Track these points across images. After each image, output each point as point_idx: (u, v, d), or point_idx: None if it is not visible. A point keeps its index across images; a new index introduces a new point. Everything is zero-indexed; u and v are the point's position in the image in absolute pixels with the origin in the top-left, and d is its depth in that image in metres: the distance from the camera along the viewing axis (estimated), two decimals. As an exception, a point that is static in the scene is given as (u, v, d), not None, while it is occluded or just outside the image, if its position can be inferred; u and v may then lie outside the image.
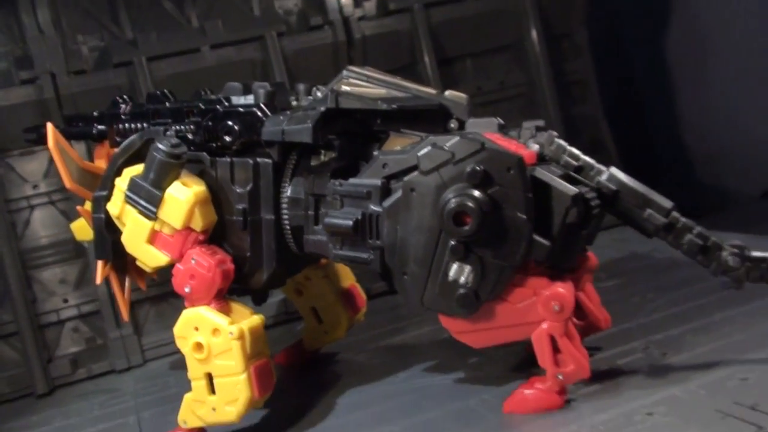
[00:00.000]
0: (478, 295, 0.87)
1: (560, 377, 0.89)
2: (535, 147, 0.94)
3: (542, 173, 0.86)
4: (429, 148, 0.86)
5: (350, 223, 0.91)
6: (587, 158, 0.94)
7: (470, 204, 0.82)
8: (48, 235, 1.51)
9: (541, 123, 0.97)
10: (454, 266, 0.87)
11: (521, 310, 0.88)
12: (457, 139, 0.85)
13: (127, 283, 1.09)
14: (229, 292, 1.03)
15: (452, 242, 0.85)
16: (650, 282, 1.32)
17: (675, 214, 0.92)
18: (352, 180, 0.93)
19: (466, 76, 1.75)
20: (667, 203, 0.92)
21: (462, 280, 0.87)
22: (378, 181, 0.90)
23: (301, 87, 1.10)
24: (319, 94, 0.99)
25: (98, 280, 1.06)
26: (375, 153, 0.94)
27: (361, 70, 1.01)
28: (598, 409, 0.87)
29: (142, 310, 1.54)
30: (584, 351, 0.90)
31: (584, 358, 0.88)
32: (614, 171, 0.93)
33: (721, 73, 2.14)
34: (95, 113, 1.11)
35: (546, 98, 1.74)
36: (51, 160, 1.42)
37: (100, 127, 1.09)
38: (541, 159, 0.94)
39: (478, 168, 0.83)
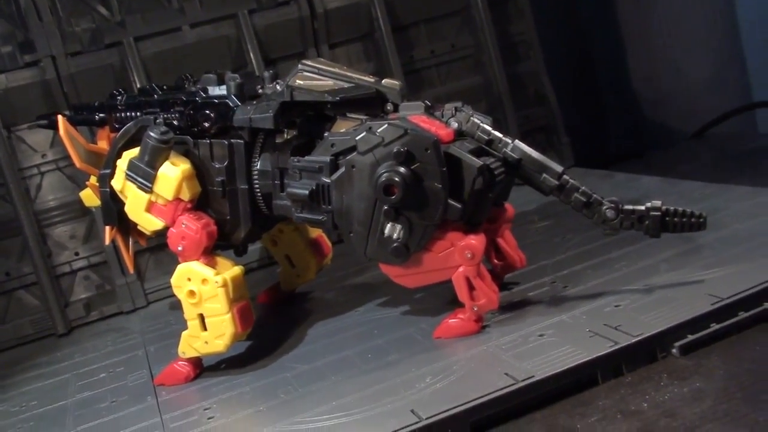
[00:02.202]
0: (408, 247, 1.10)
1: (475, 309, 1.13)
2: (455, 125, 1.17)
3: (455, 150, 1.08)
4: (364, 133, 1.08)
5: (306, 192, 1.14)
6: (496, 133, 1.16)
7: (396, 178, 1.05)
8: (57, 198, 1.74)
9: (459, 104, 1.19)
10: (388, 226, 1.10)
11: (442, 258, 1.11)
12: (386, 125, 1.08)
13: (130, 242, 1.32)
14: (215, 248, 1.27)
15: (385, 207, 1.08)
16: (571, 223, 1.54)
17: (565, 176, 1.15)
18: (307, 157, 1.16)
19: (420, 40, 1.96)
20: (559, 168, 1.15)
21: (395, 236, 1.10)
22: (327, 158, 1.13)
23: (267, 75, 1.31)
24: (278, 87, 1.20)
25: (106, 241, 1.30)
26: (326, 134, 1.16)
27: (314, 64, 1.22)
28: (504, 332, 1.12)
29: (143, 259, 1.78)
30: (495, 287, 1.14)
31: (494, 293, 1.12)
32: (517, 143, 1.16)
33: (666, 23, 2.35)
34: (96, 103, 1.32)
35: (492, 58, 1.94)
36: (55, 133, 1.63)
37: (101, 115, 1.30)
38: (460, 134, 1.17)
39: (402, 149, 1.05)
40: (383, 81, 1.21)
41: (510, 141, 1.16)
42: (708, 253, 1.22)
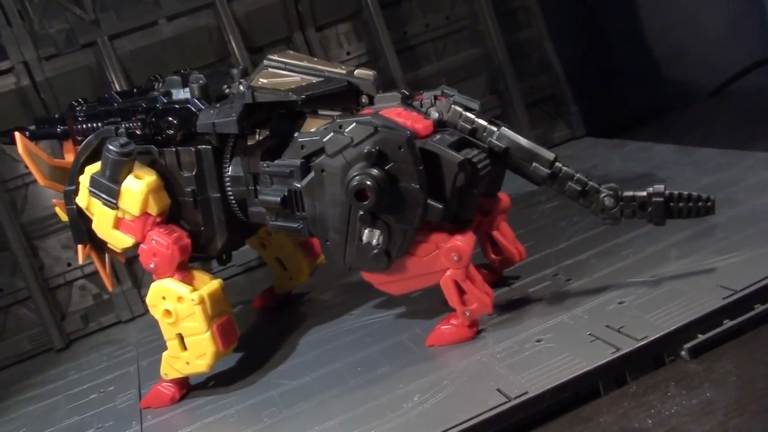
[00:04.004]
0: (389, 254, 1.02)
1: (467, 314, 1.04)
2: (435, 115, 1.07)
3: (432, 145, 0.99)
4: (332, 134, 1.00)
5: (278, 199, 1.06)
6: (480, 121, 1.07)
7: (368, 182, 0.96)
8: (46, 207, 1.68)
9: (438, 92, 1.09)
10: (366, 231, 1.01)
11: (427, 262, 1.03)
12: (354, 124, 0.99)
13: (107, 259, 1.25)
14: (194, 260, 1.19)
15: (360, 213, 0.99)
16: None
17: (558, 164, 1.05)
18: (277, 161, 1.07)
19: (413, 15, 1.85)
20: (550, 155, 1.05)
21: (374, 242, 1.01)
22: (297, 162, 1.04)
23: (235, 71, 1.22)
24: (241, 87, 1.11)
25: (80, 260, 1.23)
26: (295, 135, 1.07)
27: (280, 59, 1.13)
28: (500, 338, 1.03)
29: (139, 265, 1.71)
30: (488, 289, 1.05)
31: (486, 296, 1.04)
32: (504, 130, 1.06)
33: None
34: (57, 115, 1.25)
35: (490, 27, 1.83)
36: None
37: (62, 127, 1.23)
38: (441, 125, 1.07)
39: (373, 149, 0.96)
40: (356, 72, 1.12)
41: (495, 129, 1.06)
42: (721, 235, 1.12)
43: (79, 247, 1.22)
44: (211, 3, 1.70)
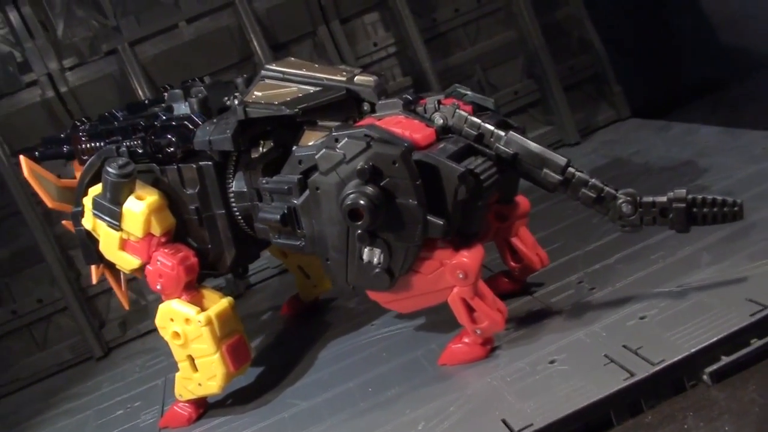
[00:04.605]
0: (391, 272, 0.97)
1: (478, 332, 0.98)
2: (440, 121, 1.01)
3: (431, 157, 0.93)
4: (324, 150, 0.95)
5: (278, 217, 1.02)
6: (487, 125, 1.00)
7: (361, 201, 0.91)
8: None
9: (440, 97, 1.03)
10: (366, 250, 0.96)
11: (433, 279, 0.97)
12: (346, 139, 0.93)
13: (122, 276, 1.24)
14: (206, 277, 1.17)
15: (358, 231, 0.94)
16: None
17: (570, 170, 0.97)
18: (276, 177, 1.03)
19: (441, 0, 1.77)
20: (562, 161, 0.97)
21: (375, 261, 0.96)
22: (295, 178, 1.00)
23: (240, 80, 1.19)
24: (236, 102, 1.07)
25: (94, 280, 1.22)
26: (293, 149, 1.03)
27: (278, 68, 1.09)
28: (513, 357, 0.97)
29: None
30: (500, 305, 0.99)
31: (497, 313, 0.97)
32: (512, 135, 0.99)
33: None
34: (62, 135, 1.23)
35: (522, 8, 1.74)
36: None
37: (67, 147, 1.21)
38: (446, 131, 1.01)
39: (366, 166, 0.91)
40: (356, 78, 1.06)
41: (503, 133, 1.00)
42: (758, 236, 1.03)
43: (92, 267, 1.20)
44: (231, 2, 1.66)
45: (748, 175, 1.23)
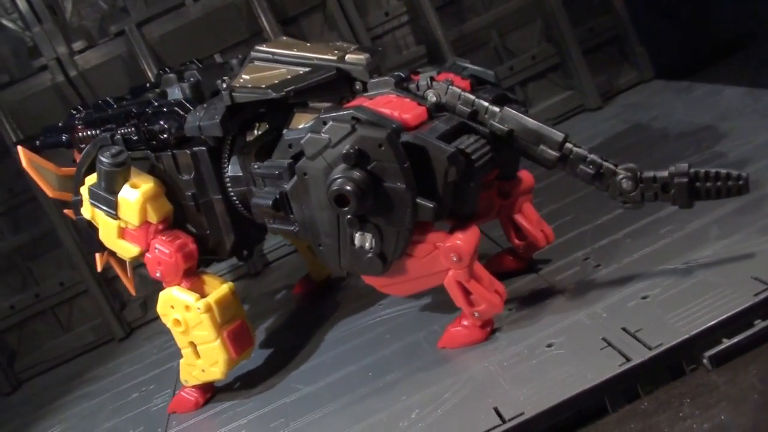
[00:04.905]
0: (384, 257, 0.94)
1: (477, 315, 0.96)
2: (433, 98, 0.98)
3: (419, 138, 0.89)
4: (309, 135, 0.92)
5: (270, 202, 1.00)
6: (482, 102, 0.96)
7: (348, 187, 0.88)
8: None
9: (433, 74, 0.99)
10: (357, 235, 0.94)
11: (427, 263, 0.94)
12: (330, 123, 0.91)
13: (128, 263, 1.23)
14: (208, 262, 1.16)
15: (347, 216, 0.92)
16: (634, 162, 1.32)
17: (568, 145, 0.93)
18: (267, 161, 1.01)
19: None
20: (558, 136, 0.93)
21: (367, 245, 0.94)
22: (285, 163, 0.98)
23: (234, 62, 1.16)
24: (224, 85, 1.05)
25: (99, 268, 1.22)
26: (284, 132, 1.00)
27: (268, 49, 1.06)
28: (512, 340, 0.95)
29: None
30: (498, 286, 0.96)
31: (495, 295, 0.95)
32: (506, 111, 0.95)
33: None
34: (60, 124, 1.22)
35: (539, -28, 1.68)
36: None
37: (66, 136, 1.20)
38: (440, 108, 0.98)
39: (351, 150, 0.88)
40: (347, 57, 1.03)
41: (497, 110, 0.96)
42: (771, 209, 0.98)
43: (96, 255, 1.20)
44: (237, -23, 1.63)
45: (767, 141, 1.17)
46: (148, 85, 1.26)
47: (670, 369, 0.81)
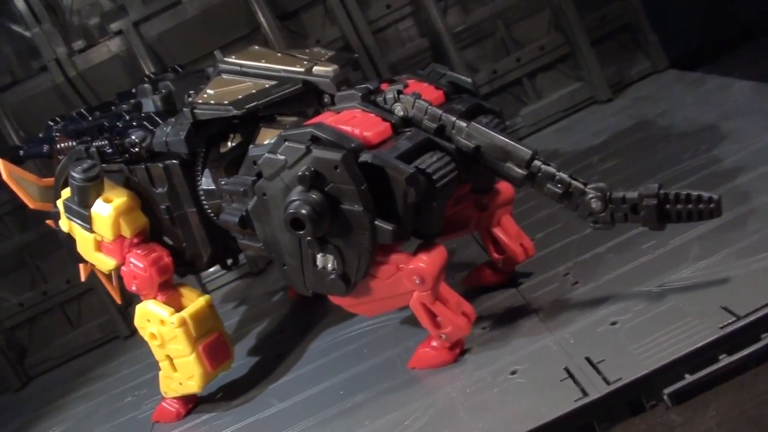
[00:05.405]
0: (347, 278, 0.92)
1: (443, 337, 0.93)
2: (400, 113, 0.95)
3: (377, 158, 0.86)
4: (265, 156, 0.90)
5: (236, 219, 0.98)
6: (449, 116, 0.93)
7: (303, 211, 0.86)
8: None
9: (400, 87, 0.96)
10: (319, 256, 0.92)
11: (391, 284, 0.92)
12: (285, 144, 0.88)
13: (113, 273, 1.23)
14: (187, 273, 1.16)
15: (307, 238, 0.90)
16: (632, 165, 1.28)
17: (536, 163, 0.90)
18: (233, 178, 0.99)
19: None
20: (526, 153, 0.90)
21: (329, 267, 0.92)
22: (249, 180, 0.96)
23: (211, 70, 1.14)
24: (189, 99, 1.03)
25: (83, 278, 1.22)
26: (250, 147, 0.98)
27: (237, 60, 1.04)
28: (480, 364, 0.92)
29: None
30: (466, 307, 0.93)
31: (461, 318, 0.92)
32: (473, 126, 0.92)
33: None
34: (40, 135, 1.22)
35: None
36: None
37: (46, 146, 1.20)
38: (407, 123, 0.95)
39: (307, 173, 0.86)
40: (314, 68, 1.00)
41: (464, 125, 0.92)
42: (754, 227, 0.93)
43: (80, 266, 1.21)
44: (234, -26, 1.60)
45: (765, 145, 1.12)
46: (134, 90, 1.25)
47: (630, 405, 0.77)
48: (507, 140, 0.91)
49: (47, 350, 1.70)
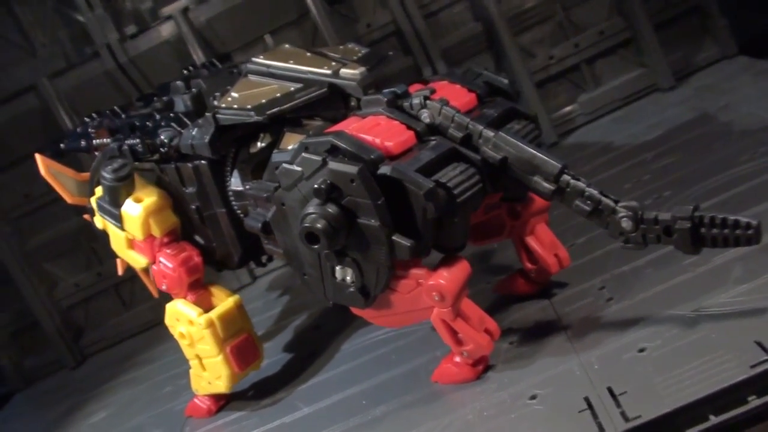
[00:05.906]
0: (366, 291, 0.89)
1: (465, 354, 0.90)
2: (427, 120, 0.91)
3: (396, 170, 0.83)
4: (282, 166, 0.87)
5: (259, 225, 0.96)
6: (476, 124, 0.88)
7: (318, 225, 0.83)
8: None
9: (427, 92, 0.92)
10: (337, 269, 0.90)
11: (411, 299, 0.89)
12: (302, 155, 0.86)
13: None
14: (221, 270, 1.15)
15: (325, 251, 0.87)
16: (685, 166, 1.21)
17: (565, 177, 0.85)
18: (256, 183, 0.97)
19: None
20: (555, 167, 0.85)
21: (348, 279, 0.90)
22: (272, 186, 0.93)
23: (243, 68, 1.12)
24: (215, 103, 1.01)
25: (120, 272, 1.23)
26: (274, 153, 0.96)
27: (264, 61, 1.02)
28: (501, 384, 0.89)
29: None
30: (490, 324, 0.90)
31: (483, 336, 0.88)
32: (501, 137, 0.87)
33: None
34: (78, 129, 1.22)
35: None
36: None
37: (84, 141, 1.20)
38: (433, 130, 0.91)
39: (323, 186, 0.83)
40: (341, 71, 0.97)
41: (492, 134, 0.88)
42: (805, 249, 0.86)
43: (117, 259, 1.21)
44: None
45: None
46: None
47: (647, 446, 0.73)
48: (535, 152, 0.86)
49: (102, 330, 1.73)
